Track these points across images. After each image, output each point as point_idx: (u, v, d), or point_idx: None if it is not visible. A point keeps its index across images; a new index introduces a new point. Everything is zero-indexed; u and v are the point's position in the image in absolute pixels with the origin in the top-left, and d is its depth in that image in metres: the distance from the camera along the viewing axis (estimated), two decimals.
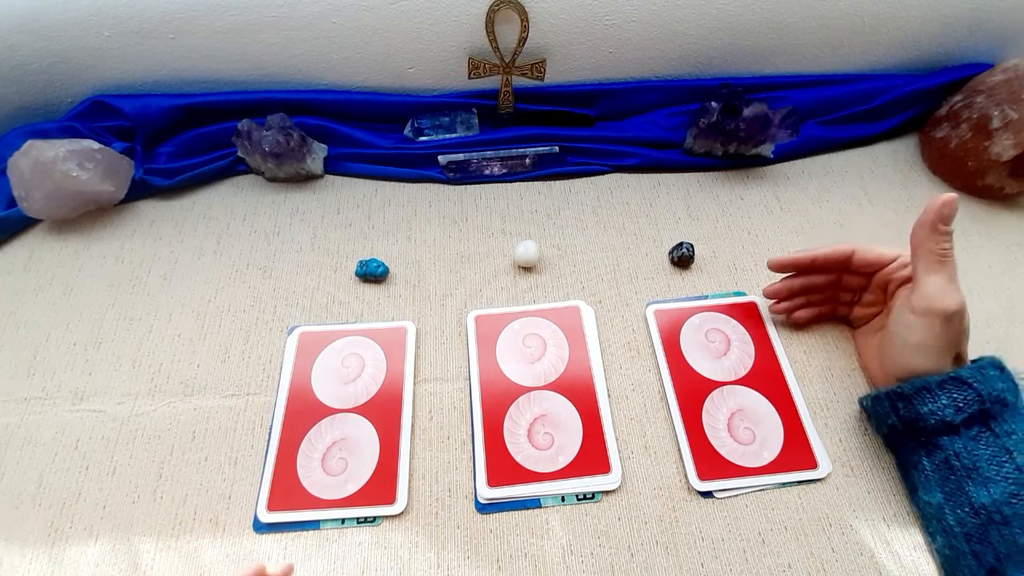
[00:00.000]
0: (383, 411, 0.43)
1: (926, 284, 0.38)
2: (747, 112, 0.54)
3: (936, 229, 0.38)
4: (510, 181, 0.58)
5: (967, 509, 0.35)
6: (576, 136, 0.59)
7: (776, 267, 0.46)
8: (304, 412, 0.43)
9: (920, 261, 0.39)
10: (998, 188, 0.55)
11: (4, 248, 0.52)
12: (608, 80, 0.60)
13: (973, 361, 0.39)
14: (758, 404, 0.44)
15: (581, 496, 0.40)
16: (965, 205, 0.55)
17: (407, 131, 0.59)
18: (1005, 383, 0.37)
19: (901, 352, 0.40)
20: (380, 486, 0.40)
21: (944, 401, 0.37)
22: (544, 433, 0.42)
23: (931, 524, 0.38)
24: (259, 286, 0.50)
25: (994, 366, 0.38)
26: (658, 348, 0.47)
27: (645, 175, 0.58)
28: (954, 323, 0.38)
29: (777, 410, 0.44)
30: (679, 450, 0.42)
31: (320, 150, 0.57)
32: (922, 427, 0.38)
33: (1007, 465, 0.35)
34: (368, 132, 0.59)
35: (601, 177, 0.58)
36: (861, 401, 0.43)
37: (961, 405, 0.36)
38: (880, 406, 0.40)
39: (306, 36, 0.54)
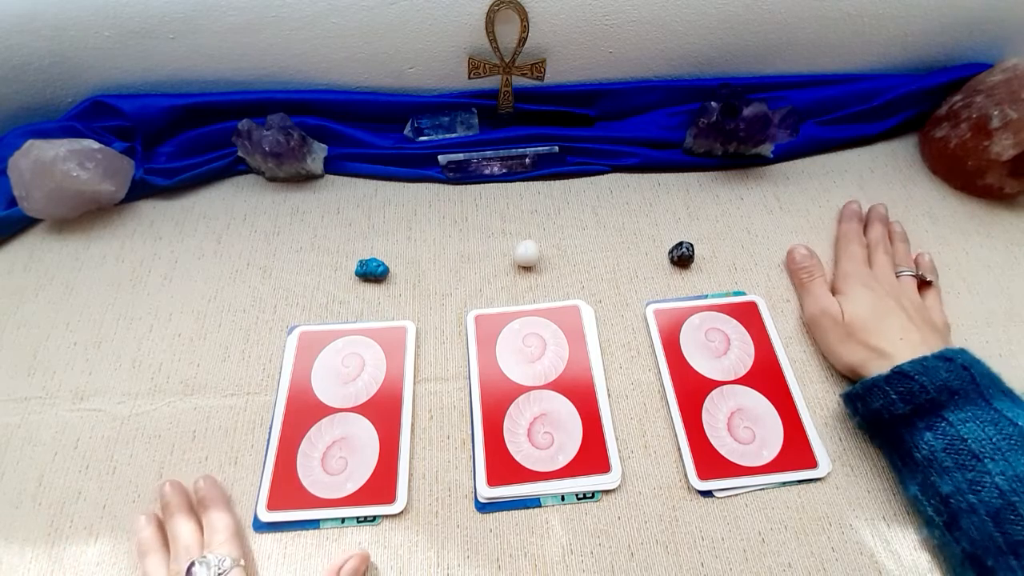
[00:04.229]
0: (383, 411, 0.43)
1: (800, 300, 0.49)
2: (747, 112, 0.54)
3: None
4: (510, 181, 0.58)
5: (937, 499, 0.36)
6: (576, 136, 0.59)
7: None
8: (304, 411, 0.43)
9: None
10: (998, 188, 0.55)
11: (4, 248, 0.52)
12: (608, 80, 0.60)
13: None
14: (758, 403, 0.44)
15: (581, 495, 0.40)
16: (965, 205, 0.56)
17: (407, 131, 0.59)
18: (951, 372, 0.38)
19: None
20: (380, 485, 0.40)
21: (893, 395, 0.38)
22: (544, 433, 0.43)
23: (917, 515, 0.39)
24: (259, 286, 0.50)
25: (939, 358, 0.39)
26: (658, 348, 0.47)
27: (645, 175, 0.58)
28: (820, 327, 0.46)
29: (777, 409, 0.44)
30: (679, 449, 0.42)
31: (320, 150, 0.57)
32: (880, 422, 0.39)
33: (963, 454, 0.36)
34: (368, 132, 0.59)
35: (601, 177, 0.58)
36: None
37: (908, 397, 0.38)
38: (847, 404, 0.42)
39: (306, 36, 0.54)
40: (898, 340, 0.42)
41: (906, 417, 0.38)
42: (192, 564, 0.34)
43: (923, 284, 0.48)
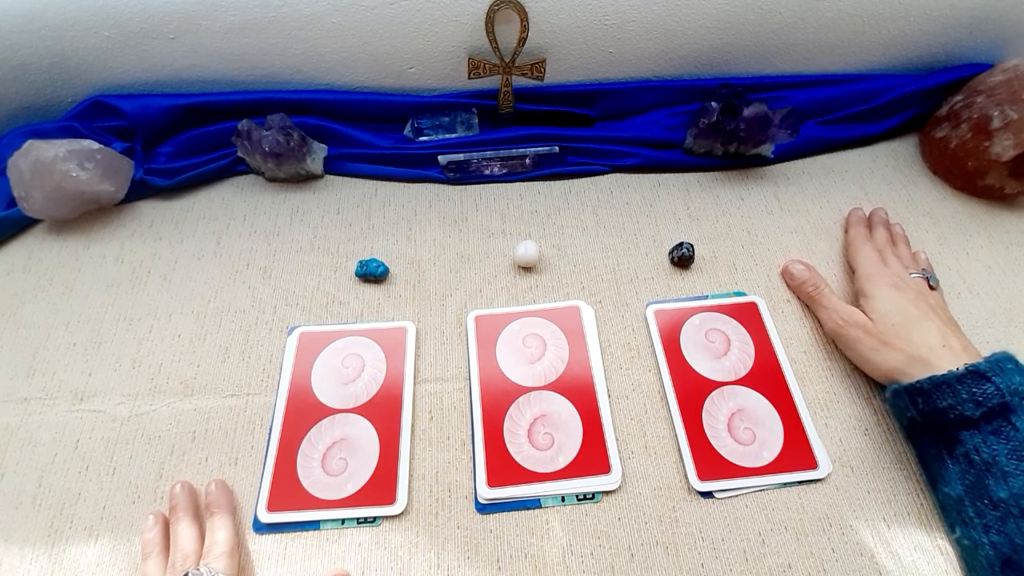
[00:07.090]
0: (383, 411, 0.43)
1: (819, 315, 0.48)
2: (747, 112, 0.54)
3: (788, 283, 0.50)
4: (510, 181, 0.58)
5: (986, 502, 0.36)
6: (576, 136, 0.59)
7: None
8: (304, 412, 0.43)
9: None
10: (998, 188, 0.55)
11: (4, 248, 0.52)
12: (608, 80, 0.60)
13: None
14: (758, 404, 0.44)
15: (581, 496, 0.40)
16: (965, 205, 0.56)
17: (407, 131, 0.59)
18: (1023, 376, 0.37)
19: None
20: (380, 486, 0.40)
21: (964, 395, 0.37)
22: (544, 433, 0.42)
23: (951, 515, 0.38)
24: (259, 286, 0.50)
25: (1010, 360, 0.38)
26: (658, 348, 0.47)
27: (645, 175, 0.58)
28: (848, 338, 0.44)
29: (777, 410, 0.44)
30: (679, 450, 0.42)
31: (320, 150, 0.57)
32: (941, 422, 0.38)
33: None
34: (368, 132, 0.59)
35: (601, 177, 0.58)
36: (884, 391, 0.43)
37: (981, 399, 0.37)
38: (900, 399, 0.40)
39: (306, 36, 0.54)
40: (940, 347, 0.40)
41: (974, 420, 0.37)
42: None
43: (929, 286, 0.47)
